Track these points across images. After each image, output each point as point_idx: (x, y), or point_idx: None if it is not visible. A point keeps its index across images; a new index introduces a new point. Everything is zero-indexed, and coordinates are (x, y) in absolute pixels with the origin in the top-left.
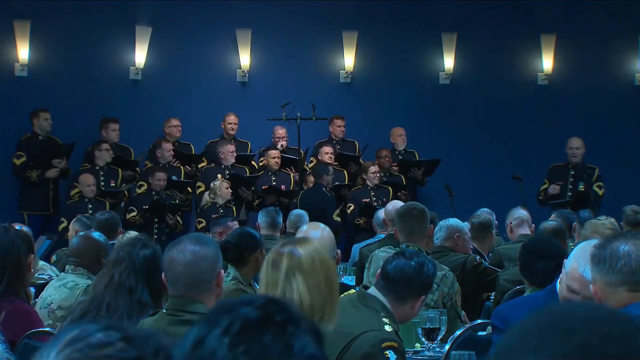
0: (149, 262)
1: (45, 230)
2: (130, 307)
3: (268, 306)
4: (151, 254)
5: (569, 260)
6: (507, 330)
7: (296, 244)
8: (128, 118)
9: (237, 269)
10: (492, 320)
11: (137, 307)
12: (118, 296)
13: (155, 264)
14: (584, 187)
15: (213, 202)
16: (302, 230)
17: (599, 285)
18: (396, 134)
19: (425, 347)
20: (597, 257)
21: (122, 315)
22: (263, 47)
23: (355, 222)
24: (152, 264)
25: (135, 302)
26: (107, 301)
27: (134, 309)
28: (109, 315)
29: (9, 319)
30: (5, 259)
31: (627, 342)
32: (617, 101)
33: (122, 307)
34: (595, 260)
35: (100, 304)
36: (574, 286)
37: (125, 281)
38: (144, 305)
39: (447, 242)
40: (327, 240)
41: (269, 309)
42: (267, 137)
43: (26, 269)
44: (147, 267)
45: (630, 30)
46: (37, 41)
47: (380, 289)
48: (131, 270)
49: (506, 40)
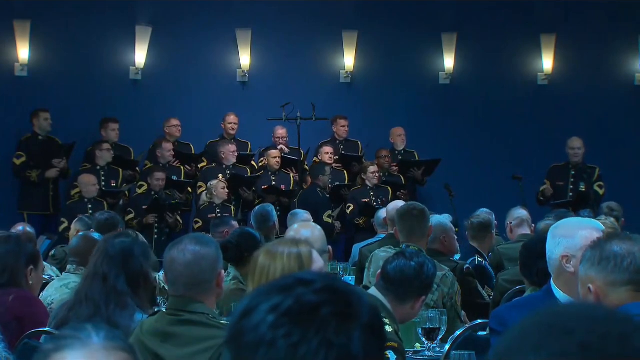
0: (124, 250)
1: (45, 230)
2: (107, 295)
3: (324, 293)
4: (129, 242)
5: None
6: (506, 331)
7: (277, 245)
8: (128, 118)
9: (237, 269)
10: (490, 322)
11: (113, 296)
12: (93, 284)
13: (131, 251)
14: (585, 187)
15: (210, 202)
16: (293, 229)
17: (597, 285)
18: (396, 134)
19: (425, 347)
20: (597, 257)
21: (98, 304)
22: (263, 47)
23: (355, 222)
24: (128, 252)
25: (111, 289)
26: (85, 291)
27: (111, 298)
28: (87, 306)
29: (19, 297)
30: (5, 269)
31: (626, 342)
32: (617, 101)
33: (97, 295)
34: (594, 259)
35: (80, 295)
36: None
37: (99, 269)
38: (120, 294)
39: (434, 244)
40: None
41: (324, 297)
42: (267, 137)
43: (26, 278)
44: (122, 255)
45: (630, 30)
46: (37, 41)
47: (380, 290)
48: (104, 258)
49: (506, 40)
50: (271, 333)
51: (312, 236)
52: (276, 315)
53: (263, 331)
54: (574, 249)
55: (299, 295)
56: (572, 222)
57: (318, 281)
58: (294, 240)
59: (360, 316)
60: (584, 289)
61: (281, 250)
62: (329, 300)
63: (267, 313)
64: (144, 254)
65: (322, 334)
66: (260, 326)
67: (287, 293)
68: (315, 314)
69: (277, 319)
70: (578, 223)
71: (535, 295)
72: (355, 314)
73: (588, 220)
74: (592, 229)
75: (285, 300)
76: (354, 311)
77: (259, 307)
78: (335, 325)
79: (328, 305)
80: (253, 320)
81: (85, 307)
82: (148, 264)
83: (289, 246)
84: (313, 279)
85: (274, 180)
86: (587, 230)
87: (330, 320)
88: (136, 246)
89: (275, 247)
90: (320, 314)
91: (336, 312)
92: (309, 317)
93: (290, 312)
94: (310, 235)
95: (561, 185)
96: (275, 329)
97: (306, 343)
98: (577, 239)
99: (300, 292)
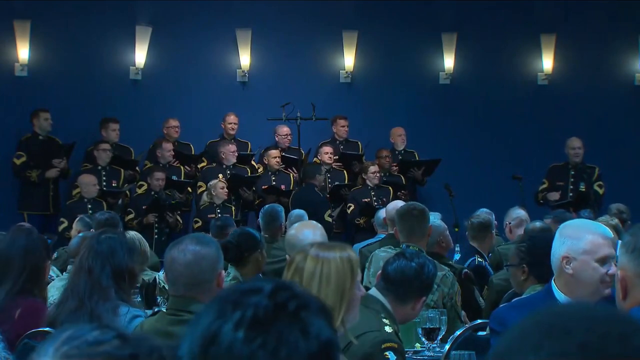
0: (110, 244)
1: (45, 230)
2: (91, 289)
3: (278, 293)
4: (116, 237)
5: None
6: (506, 331)
7: (325, 250)
8: (128, 118)
9: (237, 269)
10: (489, 323)
11: (97, 290)
12: (79, 278)
13: (116, 246)
14: (585, 187)
15: (211, 202)
16: (294, 227)
17: (627, 274)
18: (396, 134)
19: (425, 347)
20: (632, 245)
21: (82, 297)
22: (263, 47)
23: (356, 222)
24: (113, 246)
25: (96, 283)
26: (71, 286)
27: (95, 291)
28: (73, 298)
29: (25, 314)
30: (25, 259)
31: (626, 342)
32: (617, 101)
33: (82, 287)
34: (629, 246)
35: (66, 291)
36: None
37: (84, 263)
38: (104, 289)
39: (433, 247)
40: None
41: (280, 296)
42: (267, 137)
43: (43, 272)
44: (107, 249)
45: (630, 30)
46: (37, 41)
47: (380, 290)
48: (90, 252)
49: (506, 40)
50: (247, 348)
51: (314, 236)
52: (244, 329)
53: (239, 350)
54: (577, 251)
55: (256, 304)
56: (581, 223)
57: (263, 286)
58: (340, 246)
59: (316, 305)
60: (619, 275)
61: (332, 256)
62: (287, 296)
63: (234, 331)
64: (130, 249)
65: (297, 328)
66: (234, 346)
67: (242, 306)
68: (282, 312)
69: (247, 332)
70: (587, 226)
71: (536, 295)
72: (312, 304)
73: (598, 226)
74: (599, 235)
75: (245, 312)
76: (311, 302)
77: (223, 329)
78: (305, 317)
79: (289, 300)
80: (223, 344)
81: (70, 301)
82: (132, 259)
83: (338, 251)
84: (259, 285)
85: (274, 180)
86: (594, 235)
87: (299, 313)
88: (122, 242)
89: (320, 252)
90: (288, 311)
91: (301, 305)
92: (277, 318)
93: (257, 321)
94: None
95: (561, 185)
96: (251, 341)
97: (285, 343)
98: (581, 242)
99: (255, 300)
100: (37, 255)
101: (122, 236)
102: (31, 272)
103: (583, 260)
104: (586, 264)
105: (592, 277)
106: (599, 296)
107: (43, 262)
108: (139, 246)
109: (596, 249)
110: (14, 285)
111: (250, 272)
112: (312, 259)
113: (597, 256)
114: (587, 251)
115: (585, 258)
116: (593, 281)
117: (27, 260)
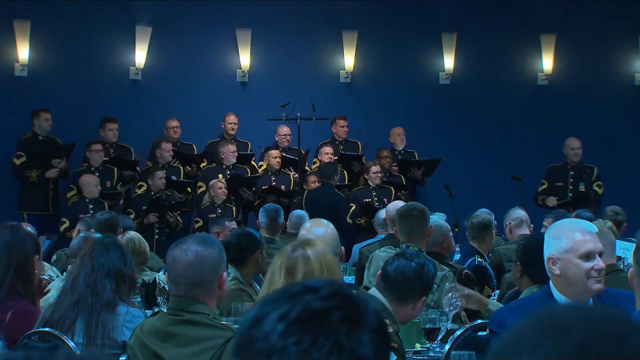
0: (110, 247)
1: (45, 230)
2: (91, 288)
3: (331, 298)
4: (116, 240)
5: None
6: (504, 332)
7: (305, 247)
8: (128, 118)
9: (238, 269)
10: (489, 324)
11: (96, 290)
12: (79, 278)
13: (116, 248)
14: (585, 187)
15: (212, 202)
16: (305, 227)
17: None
18: (395, 134)
19: (426, 347)
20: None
21: (81, 296)
22: (263, 47)
23: (356, 222)
24: (113, 248)
25: (95, 283)
26: (70, 286)
27: (94, 291)
28: (71, 298)
29: (14, 320)
30: (10, 256)
31: (623, 342)
32: (617, 101)
33: (81, 287)
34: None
35: (66, 290)
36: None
37: (85, 263)
38: (104, 289)
39: (433, 247)
40: (330, 238)
41: (331, 302)
42: (267, 137)
43: (32, 267)
44: (108, 250)
45: (630, 30)
46: (37, 41)
47: (381, 290)
48: (91, 252)
49: (506, 40)
50: (282, 341)
51: (325, 235)
52: (286, 323)
53: (274, 340)
54: (559, 251)
55: (307, 303)
56: (565, 223)
57: (325, 287)
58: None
59: (368, 320)
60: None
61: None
62: (337, 305)
63: (276, 322)
64: (125, 255)
65: (333, 338)
66: (271, 335)
67: (295, 301)
68: (324, 319)
69: (286, 327)
70: (569, 225)
71: (534, 297)
72: (363, 318)
73: (579, 222)
74: (579, 232)
75: (293, 307)
76: (361, 315)
77: (268, 316)
78: (345, 330)
79: (337, 310)
80: (263, 329)
81: (68, 300)
82: (130, 264)
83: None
84: (320, 285)
85: (274, 180)
86: (576, 232)
87: (339, 325)
88: (122, 245)
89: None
90: (330, 320)
91: (345, 317)
92: (319, 323)
93: (299, 320)
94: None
95: (560, 185)
96: (286, 337)
97: (317, 349)
98: (562, 241)
99: (308, 299)
100: (23, 251)
101: (121, 243)
102: (17, 268)
103: (566, 259)
104: (569, 262)
105: (577, 274)
106: (590, 292)
107: (30, 257)
108: (139, 246)
109: (577, 246)
110: (1, 285)
111: (250, 272)
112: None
113: (579, 253)
114: (569, 249)
115: (568, 257)
116: (579, 278)
117: (13, 257)
